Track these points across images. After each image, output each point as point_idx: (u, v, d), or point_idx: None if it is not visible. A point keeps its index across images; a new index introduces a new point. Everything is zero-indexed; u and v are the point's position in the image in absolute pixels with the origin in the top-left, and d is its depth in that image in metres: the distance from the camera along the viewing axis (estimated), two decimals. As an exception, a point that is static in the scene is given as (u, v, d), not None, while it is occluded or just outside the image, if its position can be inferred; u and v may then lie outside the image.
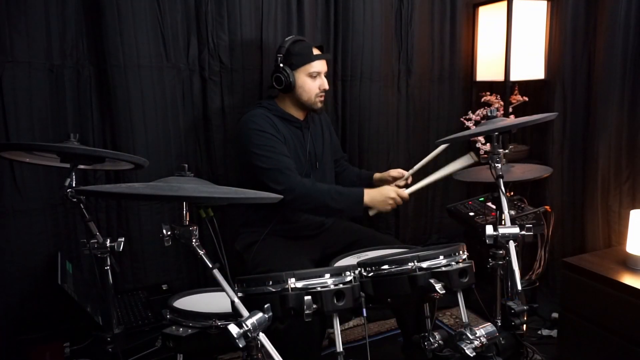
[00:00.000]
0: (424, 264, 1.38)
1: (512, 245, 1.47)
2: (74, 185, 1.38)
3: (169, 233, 1.21)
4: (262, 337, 1.12)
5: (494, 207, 2.01)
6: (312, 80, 1.97)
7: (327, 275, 1.31)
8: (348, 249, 1.87)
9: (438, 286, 1.34)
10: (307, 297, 1.25)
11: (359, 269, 1.41)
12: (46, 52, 1.92)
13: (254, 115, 1.95)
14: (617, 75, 2.21)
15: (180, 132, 2.21)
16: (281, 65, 1.93)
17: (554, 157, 2.55)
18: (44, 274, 1.94)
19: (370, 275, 1.40)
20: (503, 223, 1.54)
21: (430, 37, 2.66)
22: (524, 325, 1.52)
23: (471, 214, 2.27)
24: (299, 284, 1.28)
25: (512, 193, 2.34)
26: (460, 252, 1.46)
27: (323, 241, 2.07)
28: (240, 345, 1.09)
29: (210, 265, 1.18)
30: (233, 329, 1.09)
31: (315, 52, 1.99)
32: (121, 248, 1.41)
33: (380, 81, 2.52)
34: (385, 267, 1.40)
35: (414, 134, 2.71)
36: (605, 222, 2.33)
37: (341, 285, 1.30)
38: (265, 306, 1.18)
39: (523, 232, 1.50)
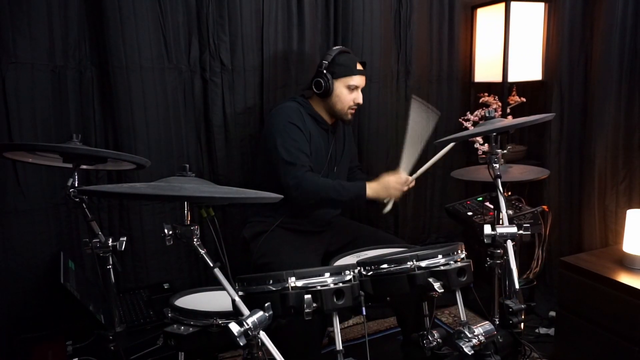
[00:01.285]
0: (423, 263, 1.40)
1: (509, 244, 1.48)
2: (76, 185, 1.39)
3: (170, 232, 1.23)
4: (263, 335, 1.13)
5: (492, 206, 2.02)
6: (349, 92, 2.04)
7: (327, 274, 1.33)
8: (350, 246, 1.91)
9: (437, 285, 1.35)
10: (307, 296, 1.26)
11: (359, 268, 1.43)
12: (49, 53, 1.94)
13: (288, 108, 2.02)
14: (614, 76, 2.22)
15: (182, 132, 2.22)
16: (324, 71, 2.01)
17: (552, 157, 2.56)
18: (47, 273, 1.95)
19: (369, 274, 1.42)
20: (501, 222, 1.55)
21: (429, 39, 2.67)
22: (522, 324, 1.53)
23: (469, 213, 2.28)
24: (299, 283, 1.29)
25: (509, 193, 2.35)
26: (459, 251, 1.48)
27: (327, 238, 2.11)
28: (241, 344, 1.10)
29: (211, 264, 1.20)
30: (234, 327, 1.10)
31: (358, 67, 2.05)
32: (123, 247, 1.42)
33: (379, 82, 2.54)
34: (385, 266, 1.41)
35: (413, 134, 2.72)
36: (602, 222, 2.34)
37: (341, 284, 1.32)
38: (266, 305, 1.19)
39: (521, 232, 1.51)
